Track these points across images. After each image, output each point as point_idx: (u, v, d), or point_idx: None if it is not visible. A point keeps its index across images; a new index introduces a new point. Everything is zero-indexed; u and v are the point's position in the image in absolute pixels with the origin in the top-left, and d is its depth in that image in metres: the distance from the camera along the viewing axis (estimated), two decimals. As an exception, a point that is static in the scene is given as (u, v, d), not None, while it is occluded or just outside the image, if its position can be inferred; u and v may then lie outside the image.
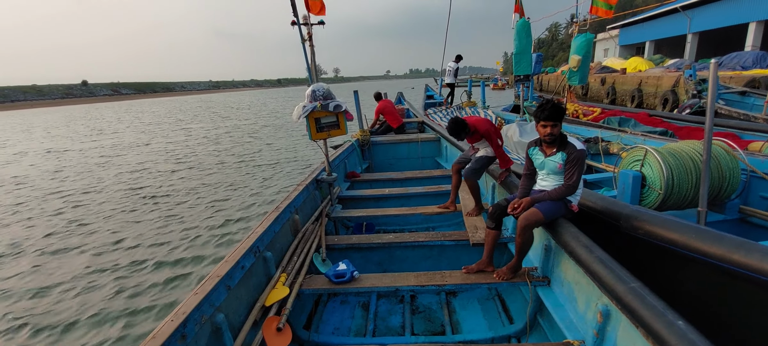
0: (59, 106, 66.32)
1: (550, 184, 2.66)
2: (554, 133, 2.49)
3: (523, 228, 2.59)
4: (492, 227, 2.87)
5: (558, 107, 2.46)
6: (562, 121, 2.54)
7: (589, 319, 2.18)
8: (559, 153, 2.55)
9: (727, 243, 2.00)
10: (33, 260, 5.79)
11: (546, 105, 2.50)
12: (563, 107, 2.50)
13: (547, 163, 2.63)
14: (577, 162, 2.47)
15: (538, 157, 2.69)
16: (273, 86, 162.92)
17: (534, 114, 2.48)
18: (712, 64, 2.70)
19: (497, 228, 2.88)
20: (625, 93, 18.22)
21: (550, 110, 2.46)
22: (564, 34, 76.21)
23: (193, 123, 26.54)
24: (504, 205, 2.80)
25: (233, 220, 7.06)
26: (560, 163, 2.55)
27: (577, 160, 2.47)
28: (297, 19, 4.03)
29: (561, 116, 2.47)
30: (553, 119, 2.47)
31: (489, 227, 2.89)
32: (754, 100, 10.14)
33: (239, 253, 2.50)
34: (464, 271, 2.94)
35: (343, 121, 4.08)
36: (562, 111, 2.49)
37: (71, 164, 13.65)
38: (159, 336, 1.69)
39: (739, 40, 21.11)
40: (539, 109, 2.53)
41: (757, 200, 3.81)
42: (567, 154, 2.50)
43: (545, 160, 2.64)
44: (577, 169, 2.48)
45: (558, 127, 2.50)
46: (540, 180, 2.78)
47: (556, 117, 2.47)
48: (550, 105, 2.48)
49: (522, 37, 6.91)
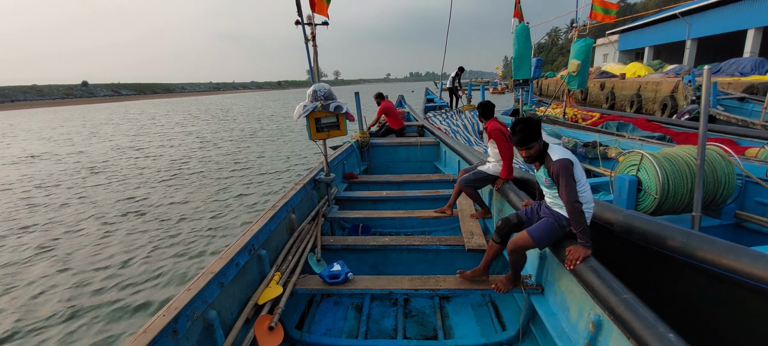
0: (59, 106, 66.20)
1: (551, 200, 2.51)
2: (531, 156, 2.36)
3: (511, 251, 2.54)
4: (497, 241, 2.73)
5: (525, 130, 2.29)
6: (538, 139, 2.33)
7: (581, 329, 2.18)
8: (542, 168, 2.40)
9: (717, 247, 2.01)
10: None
11: (515, 127, 2.34)
12: (534, 122, 2.31)
13: (539, 178, 2.53)
14: (558, 175, 2.21)
15: (533, 170, 2.59)
16: (273, 89, 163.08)
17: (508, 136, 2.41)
18: (706, 71, 2.71)
19: (503, 243, 2.74)
20: (624, 98, 18.27)
21: (518, 136, 2.32)
22: (564, 39, 76.43)
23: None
24: (513, 221, 2.69)
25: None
26: (545, 178, 2.40)
27: (558, 174, 2.21)
28: (301, 18, 4.04)
29: (531, 139, 2.30)
30: (522, 144, 2.33)
31: (494, 240, 2.75)
32: (753, 107, 10.18)
33: (234, 250, 2.50)
34: (458, 274, 2.93)
35: (343, 122, 4.09)
36: (531, 132, 2.30)
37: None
38: (150, 331, 1.69)
39: (737, 46, 21.19)
40: (510, 132, 2.40)
41: (752, 205, 3.82)
42: (546, 168, 2.32)
43: (536, 173, 2.54)
44: (563, 182, 2.20)
45: (533, 149, 2.33)
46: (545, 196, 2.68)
47: (524, 142, 2.31)
48: (518, 127, 2.32)
49: (521, 42, 6.92)
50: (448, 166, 6.42)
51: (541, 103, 12.15)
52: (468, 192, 3.89)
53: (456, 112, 10.18)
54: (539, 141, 2.33)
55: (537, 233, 2.41)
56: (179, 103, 61.30)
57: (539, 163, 2.39)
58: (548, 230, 2.41)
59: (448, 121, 9.04)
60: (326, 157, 4.31)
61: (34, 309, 4.57)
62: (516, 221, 2.69)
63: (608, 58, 35.65)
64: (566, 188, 2.18)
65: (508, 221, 2.73)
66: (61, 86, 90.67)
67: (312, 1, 4.11)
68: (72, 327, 4.21)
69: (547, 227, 2.42)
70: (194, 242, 6.30)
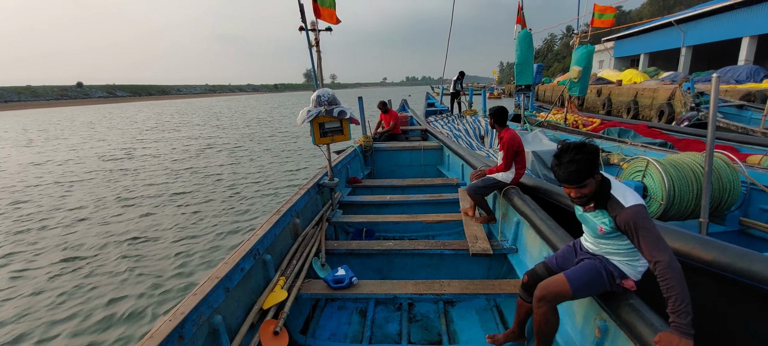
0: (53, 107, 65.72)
1: (596, 248, 1.96)
2: (584, 196, 1.77)
3: (538, 300, 1.95)
4: (526, 299, 2.22)
5: (578, 163, 1.68)
6: (594, 174, 1.72)
7: (587, 334, 2.17)
8: (600, 212, 1.80)
9: (731, 253, 2.01)
10: None
11: (562, 157, 1.73)
12: (590, 151, 1.69)
13: (587, 221, 1.92)
14: (635, 229, 1.62)
15: (578, 208, 1.97)
16: (269, 91, 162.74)
17: (551, 167, 1.82)
18: (714, 79, 2.73)
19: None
20: (620, 104, 18.40)
21: (567, 170, 1.70)
22: (559, 45, 77.20)
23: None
24: (543, 273, 2.16)
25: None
26: (601, 227, 1.81)
27: (634, 227, 1.62)
28: (305, 24, 4.03)
29: (586, 174, 1.69)
30: (574, 181, 1.72)
31: (523, 299, 2.26)
32: (752, 114, 10.28)
33: (239, 255, 2.49)
34: (489, 341, 2.48)
35: (347, 127, 4.07)
36: (588, 165, 1.68)
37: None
38: (157, 336, 1.69)
39: (732, 54, 21.49)
40: (556, 162, 1.77)
41: (756, 212, 3.84)
42: (613, 217, 1.72)
43: (584, 215, 1.93)
44: (643, 236, 1.60)
45: (588, 187, 1.73)
46: (583, 238, 2.09)
47: (576, 178, 1.70)
48: (567, 158, 1.71)
49: (524, 48, 6.97)
50: (452, 171, 6.41)
51: (541, 109, 12.21)
52: (476, 199, 3.88)
53: (457, 117, 10.20)
54: (596, 176, 1.73)
55: (576, 277, 1.88)
56: (170, 106, 60.34)
57: (593, 205, 1.82)
58: (592, 276, 1.86)
59: (450, 126, 9.06)
60: (330, 161, 4.28)
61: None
62: (545, 273, 2.17)
63: (604, 65, 36.02)
64: (652, 243, 1.58)
65: (536, 274, 2.19)
66: (55, 87, 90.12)
67: (316, 7, 4.10)
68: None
69: (590, 272, 1.87)
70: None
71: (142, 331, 3.94)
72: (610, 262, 1.87)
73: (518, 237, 3.46)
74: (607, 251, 1.89)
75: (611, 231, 1.78)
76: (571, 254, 2.12)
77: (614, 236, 1.80)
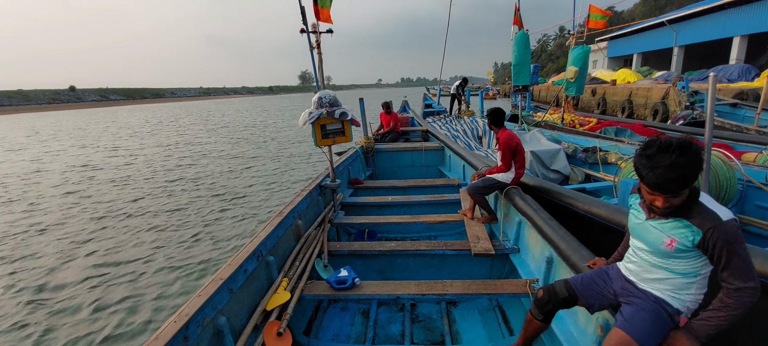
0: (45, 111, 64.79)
1: (646, 274, 1.62)
2: (672, 206, 1.43)
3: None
4: (539, 318, 1.97)
5: (680, 167, 1.33)
6: (690, 184, 1.38)
7: (589, 333, 2.18)
8: (678, 221, 1.45)
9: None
10: None
11: (660, 158, 1.36)
12: (694, 153, 1.34)
13: (648, 232, 1.56)
14: (729, 249, 1.35)
15: (637, 214, 1.65)
16: (264, 93, 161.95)
17: (635, 164, 1.46)
18: (712, 77, 2.75)
19: (545, 321, 1.98)
20: (615, 104, 18.55)
21: (664, 174, 1.34)
22: (553, 46, 77.72)
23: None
24: (563, 293, 1.87)
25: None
26: (673, 240, 1.46)
27: (728, 246, 1.35)
28: (306, 27, 4.04)
29: (686, 181, 1.35)
30: (669, 190, 1.37)
31: (535, 316, 1.99)
32: (745, 112, 10.41)
33: (242, 256, 2.49)
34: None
35: (349, 129, 4.08)
36: (690, 169, 1.33)
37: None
38: (162, 337, 1.71)
39: (723, 53, 21.79)
40: (646, 163, 1.40)
41: (753, 209, 3.88)
42: (703, 231, 1.38)
43: (646, 224, 1.57)
44: (736, 257, 1.35)
45: (680, 198, 1.40)
46: (629, 253, 1.75)
47: (672, 187, 1.36)
48: (667, 160, 1.34)
49: (521, 49, 7.01)
50: (453, 171, 6.44)
51: (538, 109, 12.29)
52: (477, 200, 3.89)
53: (455, 118, 10.25)
54: (692, 185, 1.43)
55: (640, 331, 1.52)
56: (162, 110, 58.84)
57: (669, 213, 1.47)
58: (657, 326, 1.54)
59: (448, 126, 9.10)
60: (331, 163, 4.28)
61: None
62: (566, 294, 1.86)
63: (597, 65, 36.32)
64: (745, 267, 1.36)
65: (555, 293, 1.90)
66: (47, 91, 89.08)
67: (316, 9, 4.11)
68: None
69: (654, 320, 1.55)
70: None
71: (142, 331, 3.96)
72: (665, 301, 1.56)
73: (520, 237, 3.48)
74: (660, 278, 1.57)
75: (689, 248, 1.43)
76: (602, 281, 1.82)
77: (690, 255, 1.46)
